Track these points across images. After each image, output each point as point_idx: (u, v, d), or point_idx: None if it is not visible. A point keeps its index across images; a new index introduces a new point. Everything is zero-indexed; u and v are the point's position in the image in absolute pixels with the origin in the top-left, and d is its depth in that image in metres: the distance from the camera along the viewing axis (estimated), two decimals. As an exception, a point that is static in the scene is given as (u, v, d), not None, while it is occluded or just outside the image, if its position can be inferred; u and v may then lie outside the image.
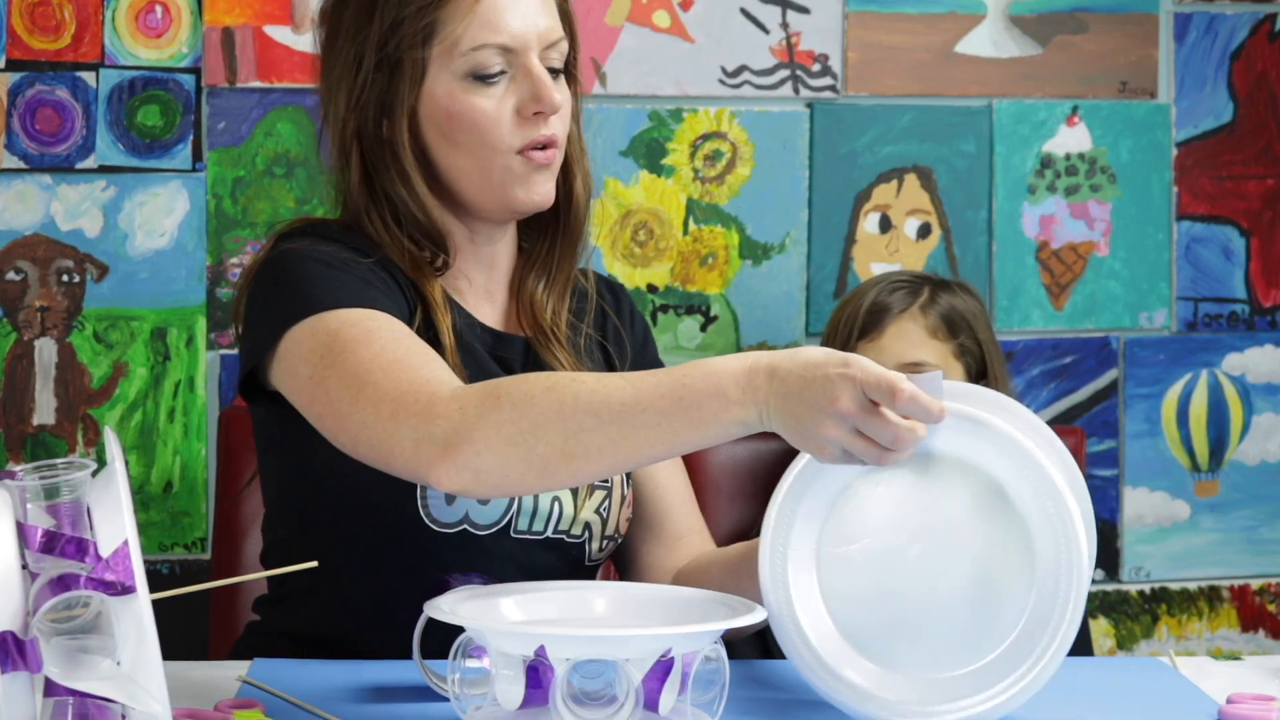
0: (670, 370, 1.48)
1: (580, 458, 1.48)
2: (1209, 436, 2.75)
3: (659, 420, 1.46)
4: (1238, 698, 1.54)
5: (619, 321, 1.93)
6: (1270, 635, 2.78)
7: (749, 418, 1.45)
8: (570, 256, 1.87)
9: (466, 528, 1.73)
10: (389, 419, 1.54)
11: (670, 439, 1.46)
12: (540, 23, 1.75)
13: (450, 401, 1.52)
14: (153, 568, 2.53)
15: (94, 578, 1.24)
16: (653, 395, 1.46)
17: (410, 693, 1.55)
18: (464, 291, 1.83)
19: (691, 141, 2.62)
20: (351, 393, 1.58)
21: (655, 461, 1.51)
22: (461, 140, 1.75)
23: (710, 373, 1.46)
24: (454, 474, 1.50)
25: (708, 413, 1.45)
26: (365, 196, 1.78)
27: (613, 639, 1.37)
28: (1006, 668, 1.45)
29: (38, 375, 2.53)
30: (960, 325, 2.38)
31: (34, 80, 2.51)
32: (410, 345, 1.62)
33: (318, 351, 1.63)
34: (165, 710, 1.25)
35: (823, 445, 1.43)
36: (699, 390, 1.45)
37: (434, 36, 1.73)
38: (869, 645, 1.49)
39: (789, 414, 1.43)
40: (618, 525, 1.84)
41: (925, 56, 2.65)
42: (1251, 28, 2.72)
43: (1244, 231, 2.74)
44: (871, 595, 1.49)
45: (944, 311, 2.38)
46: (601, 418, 1.47)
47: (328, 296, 1.67)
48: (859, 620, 1.49)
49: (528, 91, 1.74)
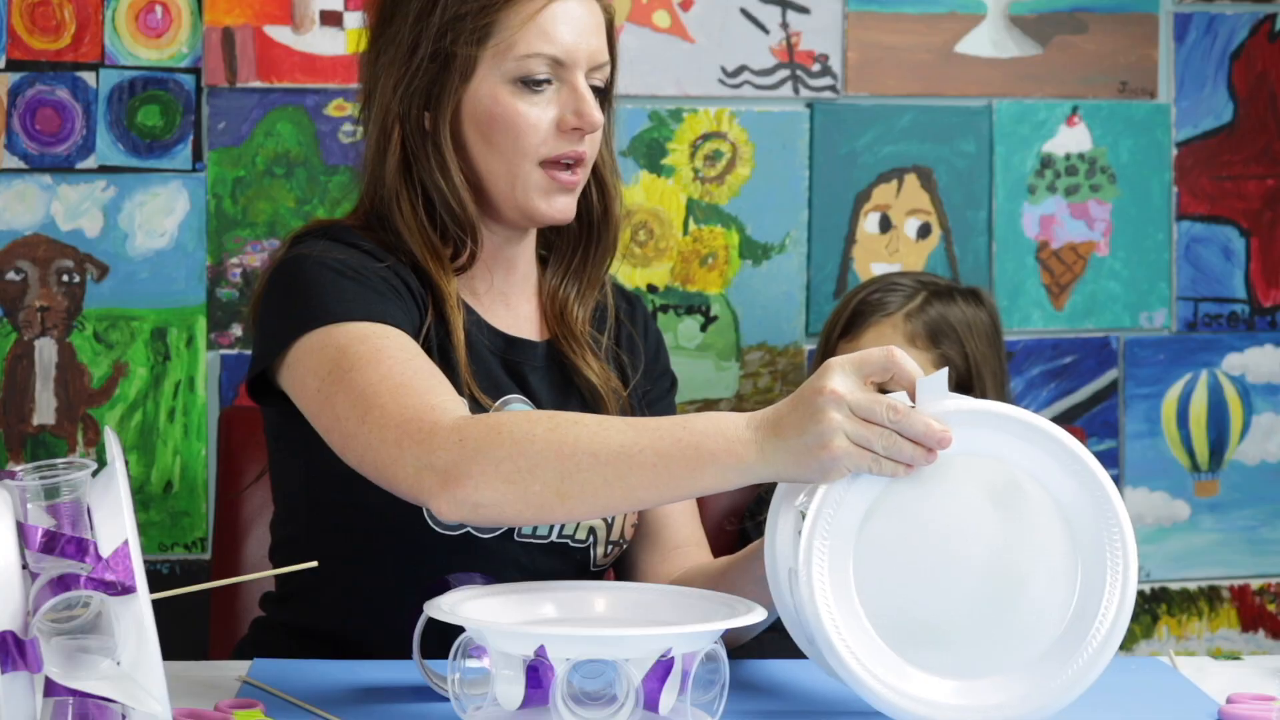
0: (674, 417, 1.49)
1: (574, 498, 1.49)
2: (1209, 436, 2.75)
3: (656, 461, 1.46)
4: (1238, 698, 1.54)
5: (633, 329, 1.95)
6: (1270, 635, 2.78)
7: (749, 457, 1.44)
8: (602, 272, 1.90)
9: (470, 530, 1.74)
10: (393, 445, 1.55)
11: (666, 481, 1.47)
12: (592, 43, 1.78)
13: (452, 433, 1.52)
14: (153, 568, 2.53)
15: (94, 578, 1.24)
16: (652, 436, 1.47)
17: (410, 693, 1.55)
18: (479, 293, 1.84)
19: (691, 141, 2.62)
20: (359, 414, 1.59)
21: (653, 504, 1.51)
22: (497, 141, 1.77)
23: (713, 418, 1.48)
24: (453, 506, 1.52)
25: (705, 453, 1.45)
26: (400, 182, 1.79)
27: (613, 639, 1.37)
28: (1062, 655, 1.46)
29: (38, 375, 2.53)
30: (946, 335, 2.36)
31: (34, 80, 2.51)
32: (418, 367, 1.63)
33: (326, 366, 1.64)
34: (165, 710, 1.25)
35: (828, 443, 1.41)
36: (700, 431, 1.46)
37: (490, 37, 1.75)
38: (917, 653, 1.47)
39: (790, 431, 1.43)
40: (623, 531, 1.85)
41: (925, 56, 2.65)
42: (1251, 28, 2.72)
43: (1244, 231, 2.74)
44: (911, 601, 1.47)
45: (931, 319, 2.36)
46: (599, 458, 1.47)
47: (339, 308, 1.68)
48: (902, 629, 1.48)
49: (571, 106, 1.77)
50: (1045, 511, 1.46)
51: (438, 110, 1.78)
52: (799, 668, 1.67)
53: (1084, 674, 1.46)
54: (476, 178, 1.80)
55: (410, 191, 1.80)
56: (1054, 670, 1.46)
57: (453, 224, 1.79)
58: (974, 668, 1.46)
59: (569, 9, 1.77)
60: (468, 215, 1.79)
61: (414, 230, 1.79)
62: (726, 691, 1.42)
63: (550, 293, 1.89)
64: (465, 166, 1.79)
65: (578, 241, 1.89)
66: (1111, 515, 1.45)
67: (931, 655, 1.46)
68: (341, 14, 2.55)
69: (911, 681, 1.45)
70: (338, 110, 2.55)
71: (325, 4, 2.54)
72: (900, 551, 1.46)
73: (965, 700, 1.45)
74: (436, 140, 1.78)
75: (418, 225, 1.79)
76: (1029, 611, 1.46)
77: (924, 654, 1.46)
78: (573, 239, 1.89)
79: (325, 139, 2.55)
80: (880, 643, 1.45)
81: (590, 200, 1.86)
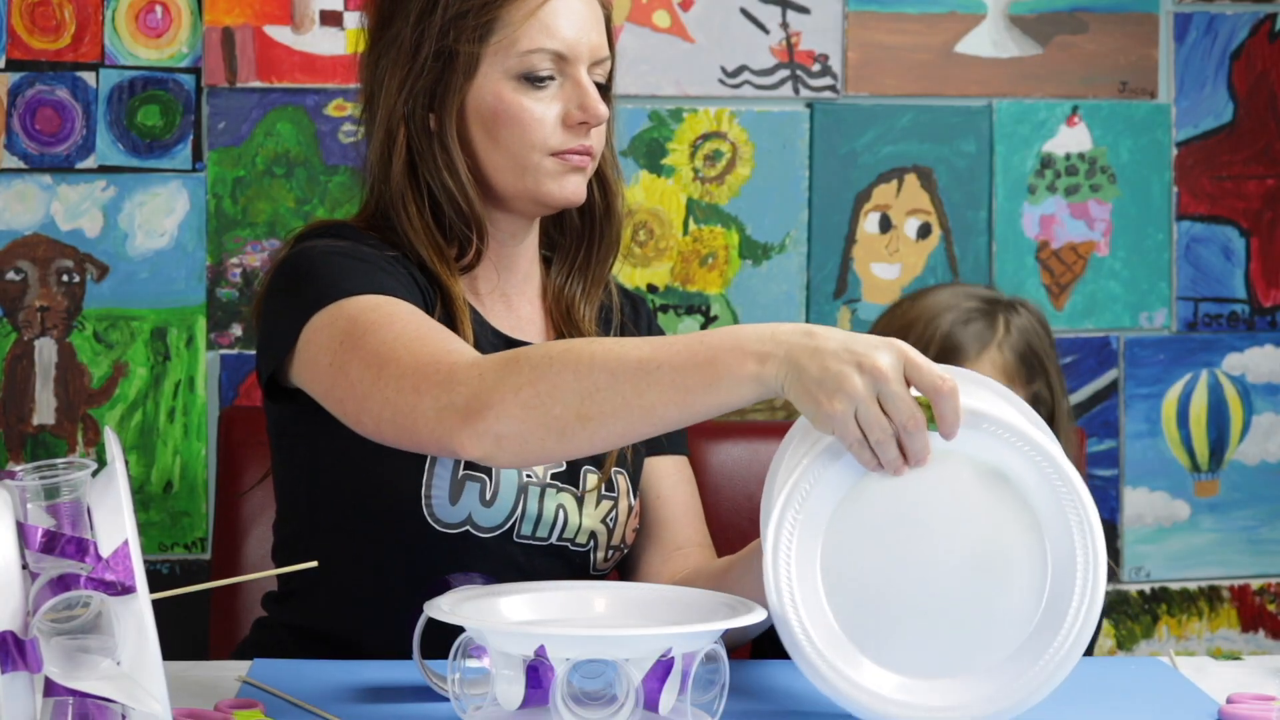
0: (691, 334, 1.48)
1: (595, 419, 1.47)
2: (1209, 436, 2.75)
3: (673, 377, 1.45)
4: (1238, 698, 1.54)
5: (637, 331, 1.95)
6: (1270, 635, 2.78)
7: (766, 371, 1.42)
8: (607, 268, 1.90)
9: (469, 529, 1.74)
10: (411, 392, 1.55)
11: (684, 399, 1.45)
12: (593, 37, 1.79)
13: (470, 369, 1.52)
14: (153, 568, 2.53)
15: (94, 578, 1.24)
16: (668, 352, 1.46)
17: (410, 693, 1.55)
18: (481, 293, 1.84)
19: (691, 141, 2.62)
20: (374, 372, 1.58)
21: (672, 426, 1.48)
22: (503, 137, 1.77)
23: (730, 331, 1.46)
24: (476, 440, 1.50)
25: (722, 367, 1.44)
26: (407, 184, 1.79)
27: (613, 639, 1.37)
28: (1023, 662, 1.45)
29: (38, 375, 2.53)
30: (1035, 367, 2.19)
31: (34, 80, 2.51)
32: (431, 325, 1.64)
33: (337, 338, 1.64)
34: (165, 710, 1.25)
35: (837, 400, 1.40)
36: (715, 345, 1.45)
37: (492, 34, 1.76)
38: (876, 644, 1.48)
39: (816, 365, 1.41)
40: (624, 536, 1.85)
41: (925, 56, 2.65)
42: (1251, 28, 2.72)
43: (1244, 231, 2.74)
44: (877, 590, 1.48)
45: (1019, 348, 2.18)
46: (616, 376, 1.46)
47: (346, 285, 1.68)
48: (864, 618, 1.48)
49: (575, 101, 1.77)
50: (1018, 512, 1.46)
51: (442, 110, 1.78)
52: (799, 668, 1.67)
53: (1046, 681, 1.45)
54: (483, 174, 1.80)
55: (416, 193, 1.80)
56: (1015, 674, 1.45)
57: (459, 221, 1.80)
58: (930, 666, 1.47)
59: (569, 4, 1.77)
60: (475, 212, 1.80)
61: (419, 231, 1.79)
62: (726, 691, 1.42)
63: (555, 292, 1.90)
64: (471, 163, 1.80)
65: (581, 239, 1.89)
66: (1085, 526, 1.45)
67: (890, 649, 1.47)
68: (341, 14, 2.55)
69: (861, 670, 1.46)
70: (338, 110, 2.55)
71: (325, 4, 2.54)
72: (872, 540, 1.46)
73: (909, 697, 1.46)
74: (443, 140, 1.78)
75: (423, 226, 1.80)
76: (995, 614, 1.46)
77: (883, 646, 1.47)
78: (576, 236, 1.90)
79: (325, 139, 2.55)
80: (836, 627, 1.46)
81: (593, 196, 1.86)
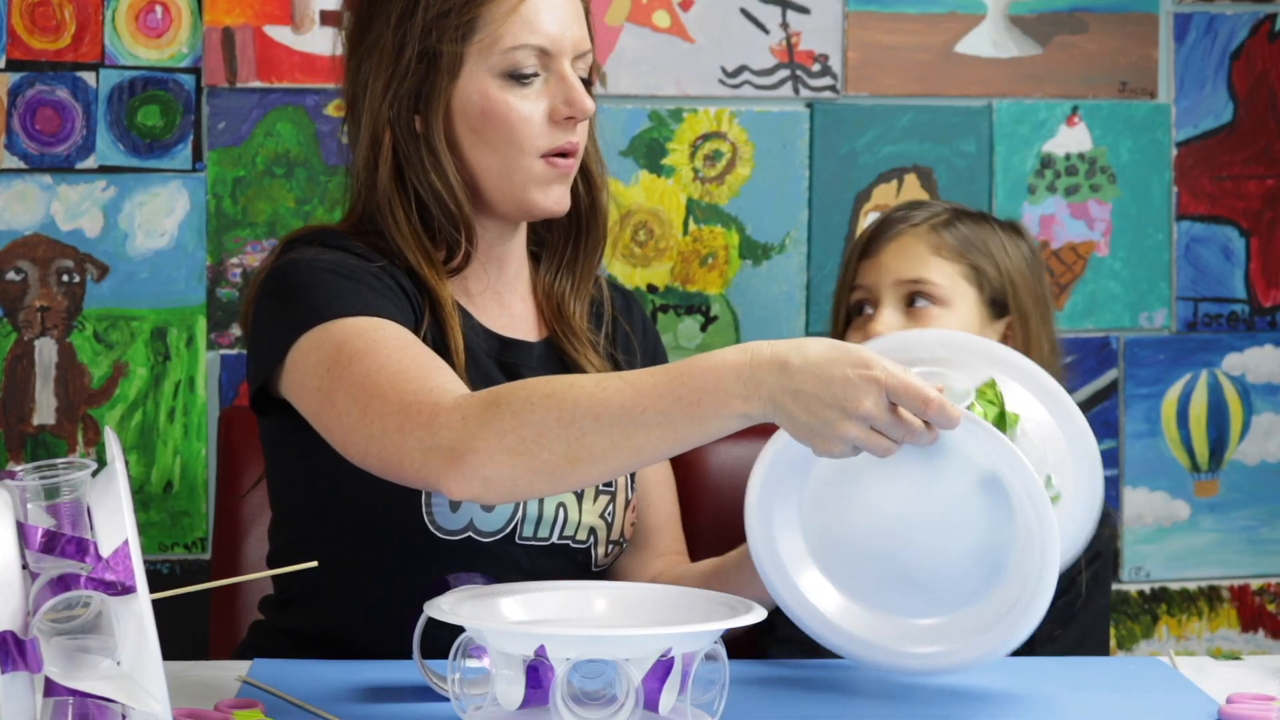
0: (668, 368, 1.48)
1: (585, 462, 1.48)
2: (1209, 436, 2.75)
3: (660, 420, 1.46)
4: (1238, 698, 1.54)
5: (629, 328, 1.95)
6: (1270, 635, 2.78)
7: (752, 411, 1.45)
8: (595, 263, 1.91)
9: (471, 535, 1.74)
10: (395, 432, 1.55)
11: (673, 437, 1.47)
12: (575, 31, 1.78)
13: (453, 411, 1.52)
14: (153, 568, 2.53)
15: (94, 577, 1.24)
16: (652, 395, 1.46)
17: (410, 693, 1.55)
18: (473, 294, 1.84)
19: (691, 141, 2.62)
20: (359, 406, 1.59)
21: (662, 458, 1.51)
22: (490, 137, 1.77)
23: (709, 368, 1.46)
24: (463, 483, 1.51)
25: (708, 409, 1.45)
26: (394, 188, 1.79)
27: (613, 639, 1.37)
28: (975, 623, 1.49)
29: (38, 375, 2.53)
30: (977, 249, 2.13)
31: (34, 80, 2.51)
32: (415, 354, 1.63)
33: (324, 364, 1.64)
34: (165, 710, 1.25)
35: (834, 443, 1.43)
36: (698, 387, 1.45)
37: (475, 32, 1.75)
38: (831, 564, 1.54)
39: (803, 411, 1.42)
40: (623, 529, 1.85)
41: (925, 56, 2.65)
42: (1251, 28, 2.72)
43: (1244, 231, 2.74)
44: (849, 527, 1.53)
45: (960, 234, 2.13)
46: (602, 421, 1.47)
47: (333, 306, 1.68)
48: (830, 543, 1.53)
49: (560, 96, 1.77)
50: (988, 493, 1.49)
51: (428, 111, 1.78)
52: (799, 668, 1.67)
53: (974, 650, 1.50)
54: (470, 175, 1.80)
55: (403, 197, 1.80)
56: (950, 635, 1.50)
57: (448, 224, 1.79)
58: (875, 599, 1.52)
59: None
60: (464, 214, 1.79)
61: (407, 235, 1.79)
62: (726, 691, 1.42)
63: (545, 289, 1.89)
64: (459, 164, 1.79)
65: (568, 234, 1.89)
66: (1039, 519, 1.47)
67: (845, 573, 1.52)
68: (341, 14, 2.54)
69: (805, 577, 1.50)
70: (337, 110, 2.55)
71: (325, 4, 2.53)
72: (850, 483, 1.53)
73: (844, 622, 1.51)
74: (430, 141, 1.78)
75: (411, 230, 1.79)
76: (940, 571, 1.51)
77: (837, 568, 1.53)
78: (563, 232, 1.89)
79: (325, 139, 2.55)
80: (802, 545, 1.51)
81: (578, 192, 1.86)
